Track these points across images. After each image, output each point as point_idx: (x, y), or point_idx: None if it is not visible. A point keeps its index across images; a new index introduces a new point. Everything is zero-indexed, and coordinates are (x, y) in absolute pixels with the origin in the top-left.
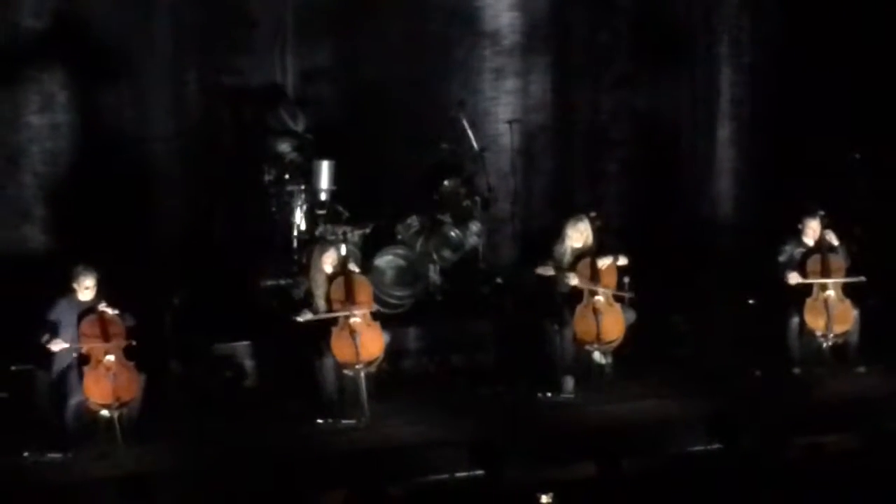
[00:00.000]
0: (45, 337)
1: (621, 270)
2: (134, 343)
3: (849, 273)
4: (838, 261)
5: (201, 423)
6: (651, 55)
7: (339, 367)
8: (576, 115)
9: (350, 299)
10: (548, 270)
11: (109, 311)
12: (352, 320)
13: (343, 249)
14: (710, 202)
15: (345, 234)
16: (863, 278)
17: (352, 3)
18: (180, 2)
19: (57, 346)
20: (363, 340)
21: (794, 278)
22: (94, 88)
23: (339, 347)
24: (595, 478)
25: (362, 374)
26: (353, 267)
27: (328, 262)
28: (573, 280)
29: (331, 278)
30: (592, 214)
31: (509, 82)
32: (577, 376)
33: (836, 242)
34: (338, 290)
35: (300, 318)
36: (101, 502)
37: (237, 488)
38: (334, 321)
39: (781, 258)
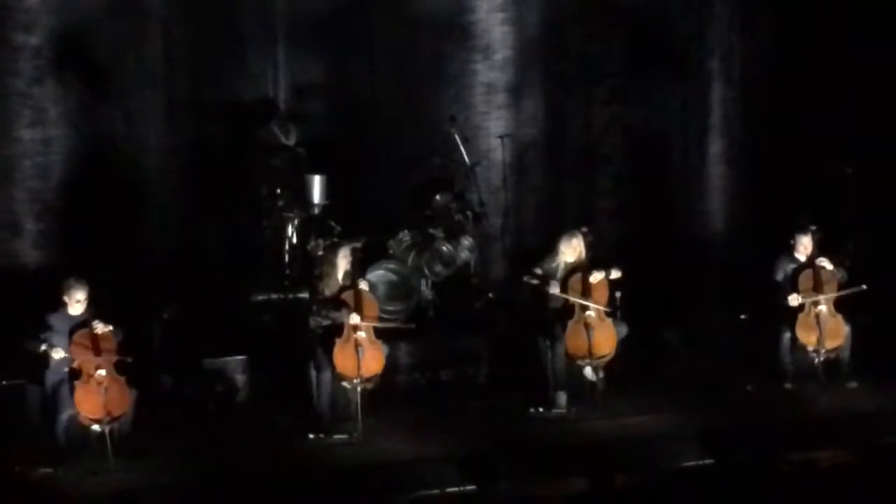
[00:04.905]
0: (43, 344)
1: (613, 285)
2: (128, 359)
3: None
4: (830, 276)
5: (192, 438)
6: (643, 71)
7: (336, 381)
8: (567, 130)
9: (358, 313)
10: (532, 279)
11: (101, 325)
12: (358, 335)
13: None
14: (701, 217)
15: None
16: (863, 286)
17: (344, 18)
18: (172, 17)
19: (57, 354)
20: (365, 356)
21: (794, 300)
22: (86, 103)
23: (342, 359)
24: (587, 493)
25: (359, 390)
26: (363, 284)
27: (342, 256)
28: (555, 288)
29: (341, 289)
30: (584, 230)
31: (501, 97)
32: (568, 391)
33: (830, 267)
34: (348, 302)
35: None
36: None
37: None
38: (339, 333)
39: (778, 277)
